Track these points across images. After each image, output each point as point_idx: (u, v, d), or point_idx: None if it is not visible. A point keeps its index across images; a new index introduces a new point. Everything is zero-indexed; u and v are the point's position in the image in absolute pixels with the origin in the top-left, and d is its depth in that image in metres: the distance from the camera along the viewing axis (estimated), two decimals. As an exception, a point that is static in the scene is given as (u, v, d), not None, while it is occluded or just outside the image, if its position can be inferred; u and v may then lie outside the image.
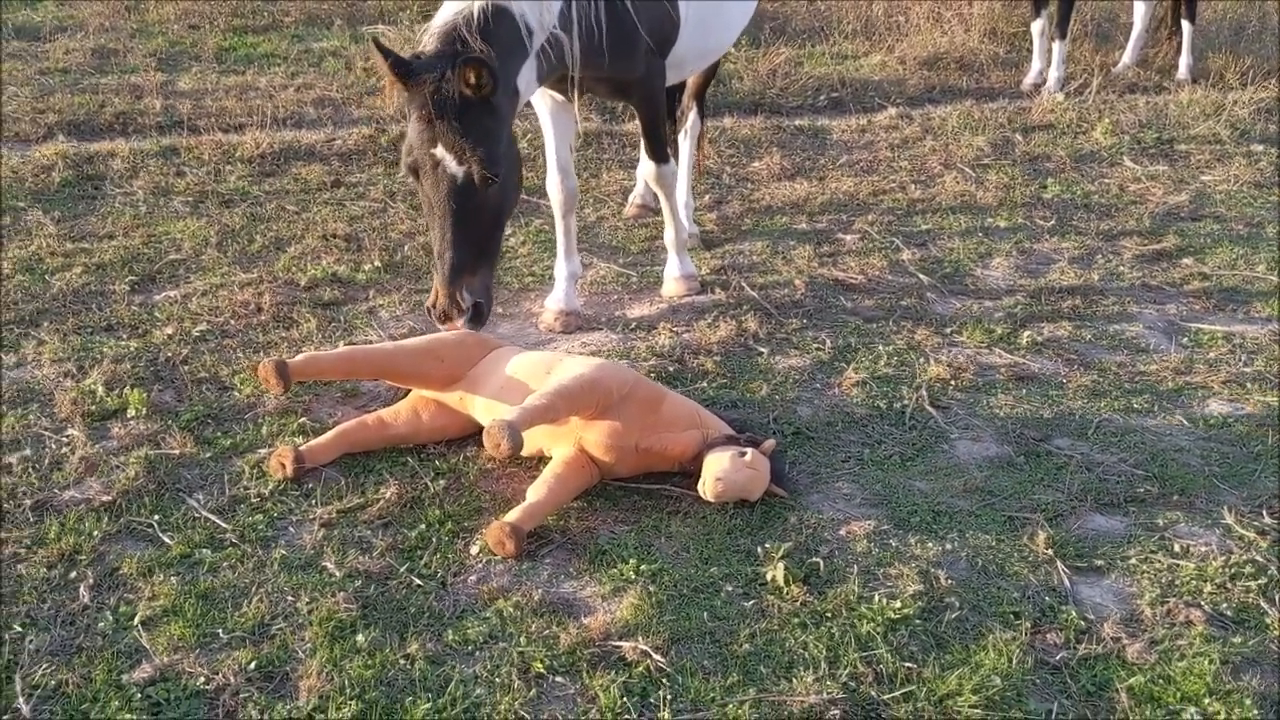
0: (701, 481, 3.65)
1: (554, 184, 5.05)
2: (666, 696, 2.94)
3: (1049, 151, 7.60)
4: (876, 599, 3.30)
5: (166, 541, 3.53)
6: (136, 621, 3.18)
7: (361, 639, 3.12)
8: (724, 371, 4.64)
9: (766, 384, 4.54)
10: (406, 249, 5.84)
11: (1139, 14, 9.66)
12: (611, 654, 3.10)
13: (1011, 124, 8.14)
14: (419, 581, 3.38)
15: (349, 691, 2.94)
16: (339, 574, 3.39)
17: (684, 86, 6.14)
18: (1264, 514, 3.73)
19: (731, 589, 3.36)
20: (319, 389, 4.39)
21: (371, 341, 4.73)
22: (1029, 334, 4.99)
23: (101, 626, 3.17)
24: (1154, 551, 3.56)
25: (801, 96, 8.80)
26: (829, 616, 3.25)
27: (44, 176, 6.62)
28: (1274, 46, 10.09)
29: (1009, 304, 5.33)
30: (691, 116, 6.22)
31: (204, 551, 3.48)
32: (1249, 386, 4.58)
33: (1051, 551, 3.53)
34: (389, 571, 3.42)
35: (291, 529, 3.62)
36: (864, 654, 3.10)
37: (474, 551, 3.51)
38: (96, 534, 3.54)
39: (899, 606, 3.26)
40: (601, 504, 3.76)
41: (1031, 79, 9.29)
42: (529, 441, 3.65)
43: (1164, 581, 3.43)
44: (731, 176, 7.14)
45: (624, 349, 4.82)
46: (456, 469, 3.93)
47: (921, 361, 4.74)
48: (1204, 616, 3.26)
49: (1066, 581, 3.42)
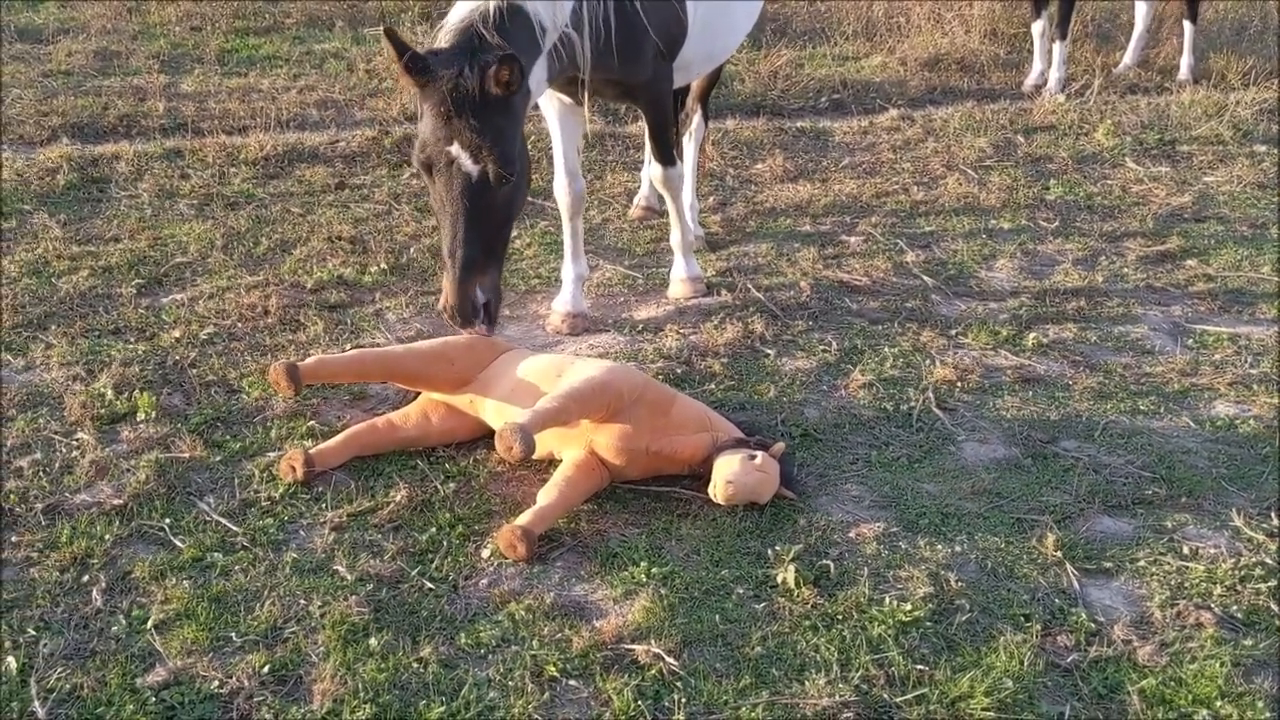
0: (712, 484, 3.66)
1: (561, 186, 5.05)
2: (680, 699, 2.94)
3: (1051, 153, 7.61)
4: (887, 601, 3.31)
5: (178, 545, 3.53)
6: (149, 625, 3.19)
7: (374, 642, 3.13)
8: (731, 373, 4.65)
9: (774, 386, 4.55)
10: (412, 251, 5.84)
11: (1140, 14, 9.67)
12: (624, 657, 3.11)
13: (1013, 125, 8.15)
14: (430, 585, 3.38)
15: (363, 695, 2.95)
16: (350, 577, 3.40)
17: (688, 89, 6.15)
18: (1272, 516, 3.74)
19: (743, 591, 3.37)
20: (327, 392, 4.40)
21: (379, 344, 4.74)
22: (1034, 336, 5.00)
23: (115, 630, 3.18)
24: (1163, 554, 3.57)
25: (803, 98, 8.81)
26: (840, 619, 3.26)
27: (49, 179, 6.61)
28: (1275, 46, 10.10)
29: (1014, 306, 5.34)
30: (696, 119, 6.22)
31: (215, 555, 3.49)
32: (1255, 388, 4.59)
33: (1060, 554, 3.54)
34: (400, 575, 3.42)
35: (302, 532, 3.62)
36: (875, 656, 3.11)
37: (485, 555, 3.52)
38: (108, 537, 3.55)
39: (910, 609, 3.27)
40: (612, 507, 3.77)
41: (1033, 80, 9.30)
42: (539, 444, 3.65)
43: (1173, 584, 3.44)
44: (735, 179, 7.14)
45: (631, 351, 4.83)
46: (467, 472, 3.94)
47: (927, 363, 4.75)
48: (1214, 619, 3.27)
49: (1076, 584, 3.43)
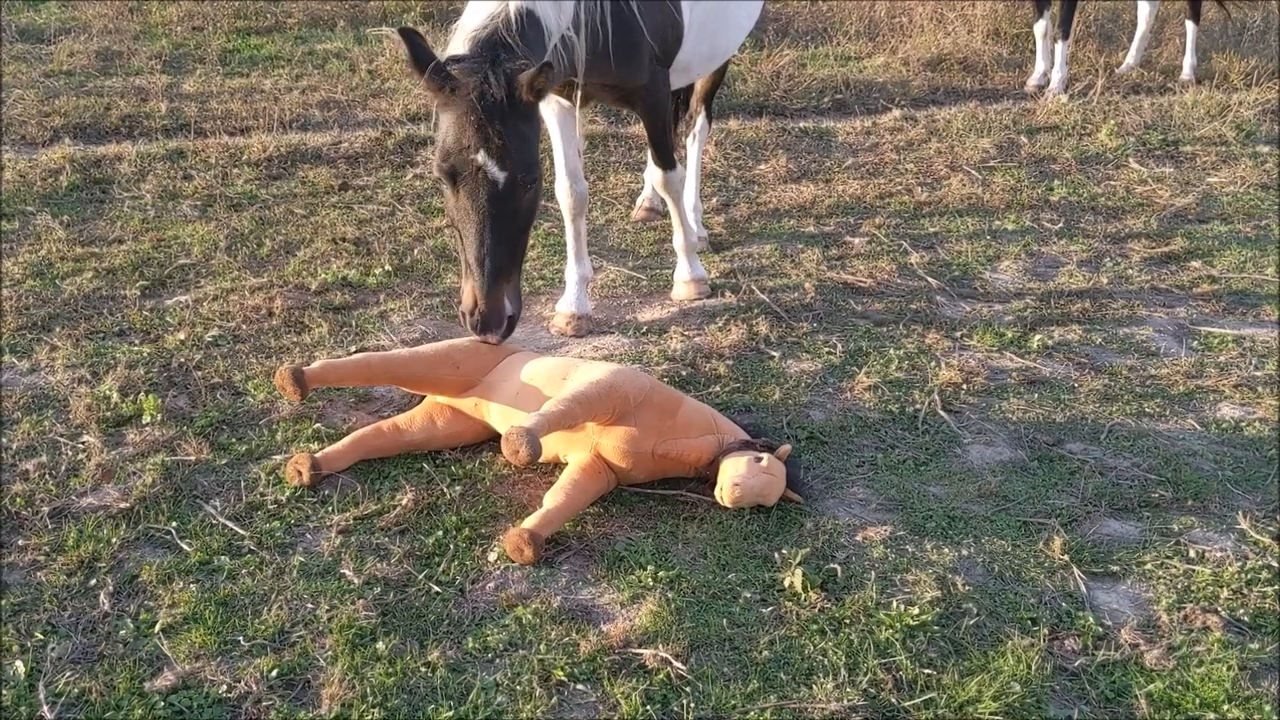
0: (718, 487, 3.66)
1: (563, 189, 5.04)
2: (688, 704, 2.95)
3: (1054, 153, 7.61)
4: (894, 605, 3.31)
5: (185, 548, 3.53)
6: (157, 629, 3.18)
7: (382, 646, 3.13)
8: (736, 375, 4.64)
9: (779, 388, 4.55)
10: (416, 252, 5.84)
11: (1143, 14, 9.67)
12: (632, 661, 3.11)
13: (1016, 126, 8.15)
14: (437, 588, 3.38)
15: (371, 699, 2.95)
16: (357, 581, 3.40)
17: (692, 90, 6.15)
18: (1278, 519, 3.74)
19: (750, 595, 3.37)
20: (332, 395, 4.40)
21: (384, 346, 4.74)
22: (1039, 337, 5.00)
23: (122, 634, 3.17)
24: (1169, 557, 3.57)
25: (806, 98, 8.81)
26: (847, 623, 3.26)
27: (51, 180, 6.61)
28: (1278, 47, 10.10)
29: (1018, 307, 5.34)
30: (700, 120, 6.22)
31: (222, 559, 3.49)
32: (1260, 390, 4.59)
33: (1067, 557, 3.54)
34: (407, 578, 3.42)
35: (309, 536, 3.62)
36: (883, 660, 3.11)
37: (492, 558, 3.52)
38: (115, 541, 3.55)
39: (917, 613, 3.27)
40: (618, 510, 3.77)
41: (1035, 80, 9.30)
42: (545, 447, 3.65)
43: (1180, 587, 3.44)
44: (738, 179, 7.14)
45: (636, 353, 4.83)
46: (473, 475, 3.94)
47: (932, 365, 4.75)
48: (1221, 622, 3.27)
49: (1083, 587, 3.43)
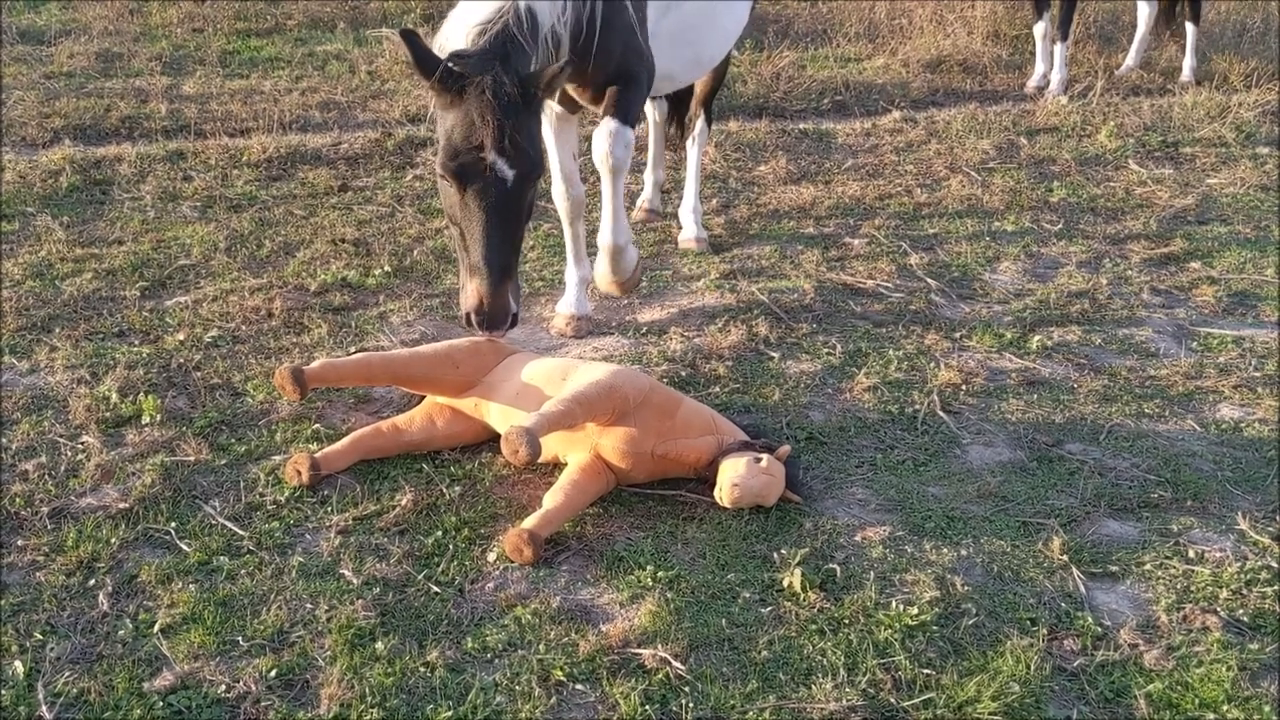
0: (718, 487, 3.66)
1: (559, 193, 5.01)
2: (687, 704, 2.94)
3: (1054, 154, 7.61)
4: (893, 605, 3.31)
5: (184, 549, 3.53)
6: (156, 629, 3.18)
7: (381, 646, 3.13)
8: (736, 376, 4.64)
9: (778, 389, 4.55)
10: (416, 253, 5.84)
11: (1142, 15, 9.68)
12: (631, 661, 3.11)
13: (1016, 127, 8.16)
14: (436, 589, 3.38)
15: (370, 699, 2.95)
16: (357, 581, 3.40)
17: (692, 93, 6.15)
18: (1277, 519, 3.75)
19: (749, 595, 3.37)
20: (332, 395, 4.40)
21: (383, 346, 4.74)
22: (1039, 338, 5.00)
23: (121, 634, 3.17)
24: (1169, 557, 3.57)
25: (805, 100, 8.81)
26: (846, 623, 3.26)
27: (52, 181, 6.61)
28: (1277, 48, 10.11)
29: (1018, 308, 5.34)
30: (699, 124, 6.20)
31: (221, 559, 3.49)
32: (1260, 391, 4.59)
33: (1066, 557, 3.54)
34: (406, 579, 3.42)
35: (308, 536, 3.62)
36: (882, 661, 3.11)
37: (491, 558, 3.52)
38: (114, 541, 3.54)
39: (916, 613, 3.27)
40: (617, 510, 3.77)
41: (1035, 81, 9.31)
42: (545, 448, 3.65)
43: (1179, 587, 3.44)
44: (738, 181, 7.14)
45: (636, 354, 4.83)
46: (472, 475, 3.94)
47: (932, 366, 4.75)
48: (1220, 623, 3.27)
49: (1082, 587, 3.43)
